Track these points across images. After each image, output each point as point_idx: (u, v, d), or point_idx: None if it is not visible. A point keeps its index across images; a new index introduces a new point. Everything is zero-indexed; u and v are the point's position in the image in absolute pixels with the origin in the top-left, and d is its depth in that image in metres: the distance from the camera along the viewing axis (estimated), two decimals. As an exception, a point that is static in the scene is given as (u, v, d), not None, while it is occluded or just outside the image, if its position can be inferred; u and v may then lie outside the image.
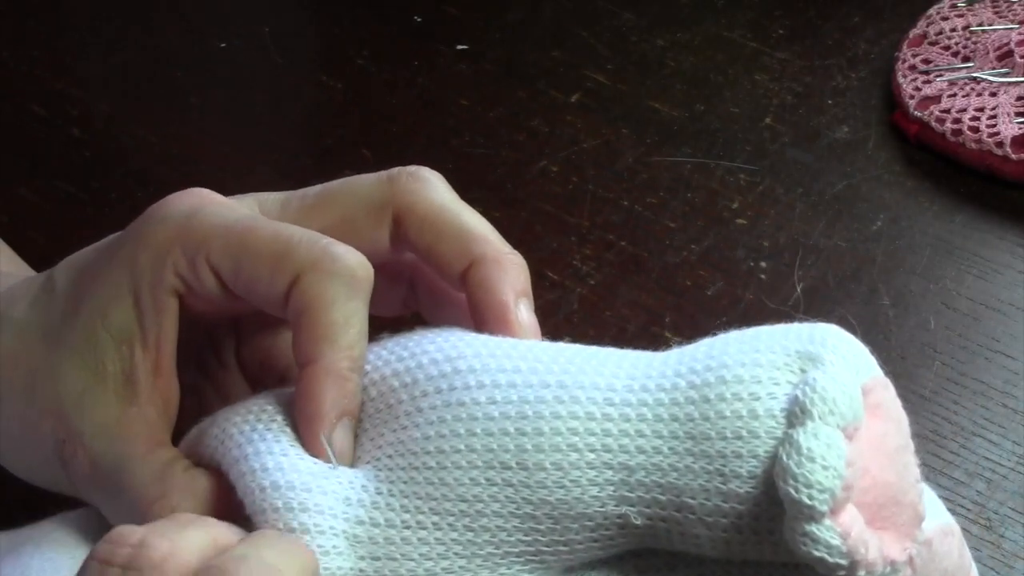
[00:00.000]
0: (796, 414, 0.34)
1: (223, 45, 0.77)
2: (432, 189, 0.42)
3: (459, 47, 0.76)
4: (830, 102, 0.71)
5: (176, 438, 0.40)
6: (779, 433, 0.34)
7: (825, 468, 0.33)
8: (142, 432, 0.39)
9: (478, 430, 0.36)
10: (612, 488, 0.36)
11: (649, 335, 0.59)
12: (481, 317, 0.40)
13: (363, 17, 0.78)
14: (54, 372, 0.40)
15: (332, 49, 0.77)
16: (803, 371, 0.35)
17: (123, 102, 0.74)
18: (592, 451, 0.36)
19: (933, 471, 0.54)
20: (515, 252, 0.41)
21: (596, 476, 0.36)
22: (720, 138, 0.69)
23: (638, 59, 0.75)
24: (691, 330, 0.60)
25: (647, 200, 0.66)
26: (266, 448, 0.37)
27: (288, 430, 0.38)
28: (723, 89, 0.72)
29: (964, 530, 0.52)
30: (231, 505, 0.37)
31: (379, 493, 0.37)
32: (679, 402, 0.36)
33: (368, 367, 0.39)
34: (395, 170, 0.42)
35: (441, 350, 0.38)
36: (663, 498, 0.35)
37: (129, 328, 0.39)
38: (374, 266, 0.39)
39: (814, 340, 0.36)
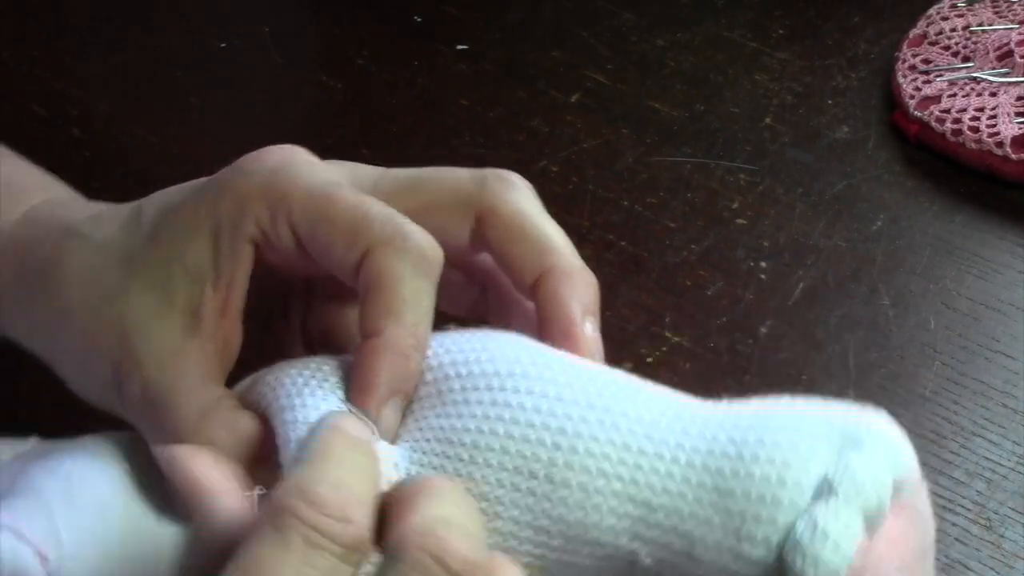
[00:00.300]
0: (823, 490, 0.34)
1: (223, 45, 0.77)
2: (518, 194, 0.43)
3: (459, 47, 0.76)
4: (830, 102, 0.71)
5: (231, 386, 0.41)
6: (802, 505, 0.34)
7: (836, 550, 0.33)
8: (198, 365, 0.40)
9: (516, 434, 0.36)
10: (629, 522, 0.36)
11: (649, 335, 0.59)
12: (547, 328, 0.41)
13: (363, 17, 0.78)
14: (126, 295, 0.41)
15: (332, 49, 0.77)
16: (841, 450, 0.35)
17: (123, 102, 0.74)
18: (620, 480, 0.36)
19: (933, 471, 0.54)
20: (587, 270, 0.42)
21: (617, 506, 0.36)
22: (720, 138, 0.69)
23: (638, 59, 0.75)
24: (691, 330, 0.60)
25: (647, 200, 0.66)
26: (313, 404, 0.37)
27: (340, 392, 0.38)
28: (723, 89, 0.73)
29: (964, 530, 0.52)
30: (268, 451, 0.38)
31: (407, 473, 0.37)
32: (715, 454, 0.36)
33: (430, 352, 0.39)
34: (487, 171, 0.43)
35: (502, 350, 0.39)
36: (676, 544, 0.35)
37: (203, 267, 0.40)
38: (451, 262, 0.41)
39: (860, 424, 0.36)
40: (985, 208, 0.65)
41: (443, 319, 0.41)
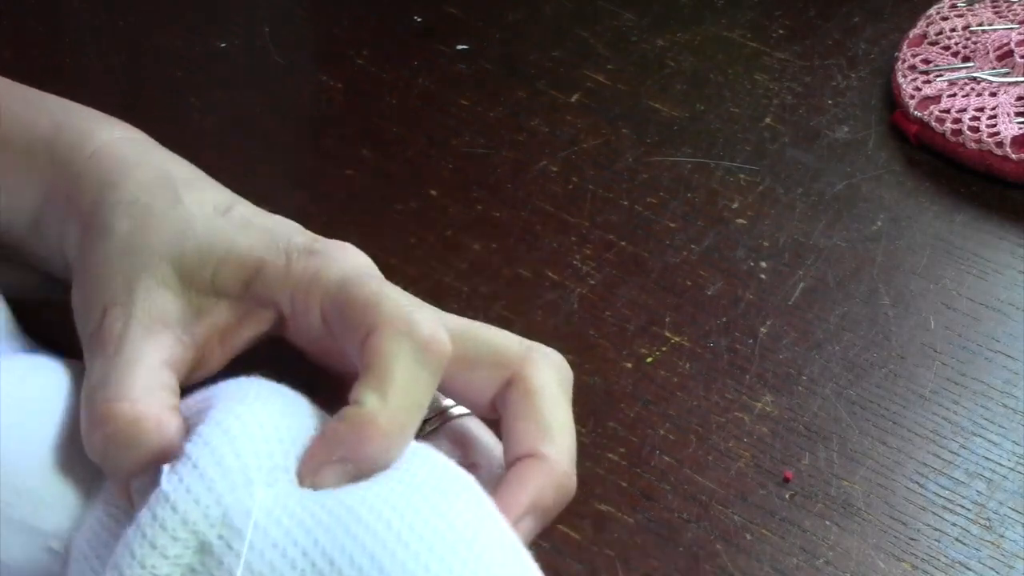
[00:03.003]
0: None
1: (223, 45, 0.77)
2: (552, 374, 0.43)
3: (459, 47, 0.76)
4: (830, 102, 0.71)
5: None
6: None
7: None
8: (173, 355, 0.40)
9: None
10: None
11: (649, 335, 0.59)
12: (501, 502, 0.40)
13: (363, 17, 0.78)
14: (160, 261, 0.41)
15: (332, 49, 0.77)
16: None
17: (123, 102, 0.74)
18: None
19: (933, 471, 0.54)
20: (571, 476, 0.41)
21: None
22: (720, 138, 0.69)
23: (638, 59, 0.75)
24: (691, 330, 0.60)
25: (647, 200, 0.66)
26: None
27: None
28: (723, 89, 0.73)
29: (964, 530, 0.52)
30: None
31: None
32: None
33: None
34: (536, 344, 0.43)
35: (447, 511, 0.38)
36: None
37: (232, 292, 0.41)
38: (476, 413, 0.43)
39: None
40: (985, 208, 0.65)
41: None
